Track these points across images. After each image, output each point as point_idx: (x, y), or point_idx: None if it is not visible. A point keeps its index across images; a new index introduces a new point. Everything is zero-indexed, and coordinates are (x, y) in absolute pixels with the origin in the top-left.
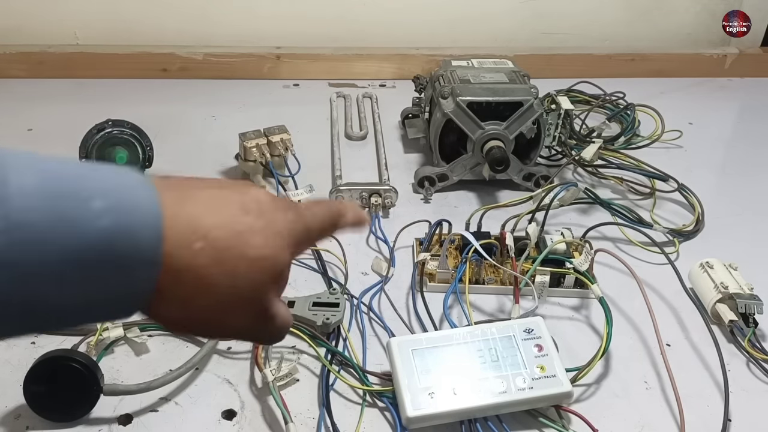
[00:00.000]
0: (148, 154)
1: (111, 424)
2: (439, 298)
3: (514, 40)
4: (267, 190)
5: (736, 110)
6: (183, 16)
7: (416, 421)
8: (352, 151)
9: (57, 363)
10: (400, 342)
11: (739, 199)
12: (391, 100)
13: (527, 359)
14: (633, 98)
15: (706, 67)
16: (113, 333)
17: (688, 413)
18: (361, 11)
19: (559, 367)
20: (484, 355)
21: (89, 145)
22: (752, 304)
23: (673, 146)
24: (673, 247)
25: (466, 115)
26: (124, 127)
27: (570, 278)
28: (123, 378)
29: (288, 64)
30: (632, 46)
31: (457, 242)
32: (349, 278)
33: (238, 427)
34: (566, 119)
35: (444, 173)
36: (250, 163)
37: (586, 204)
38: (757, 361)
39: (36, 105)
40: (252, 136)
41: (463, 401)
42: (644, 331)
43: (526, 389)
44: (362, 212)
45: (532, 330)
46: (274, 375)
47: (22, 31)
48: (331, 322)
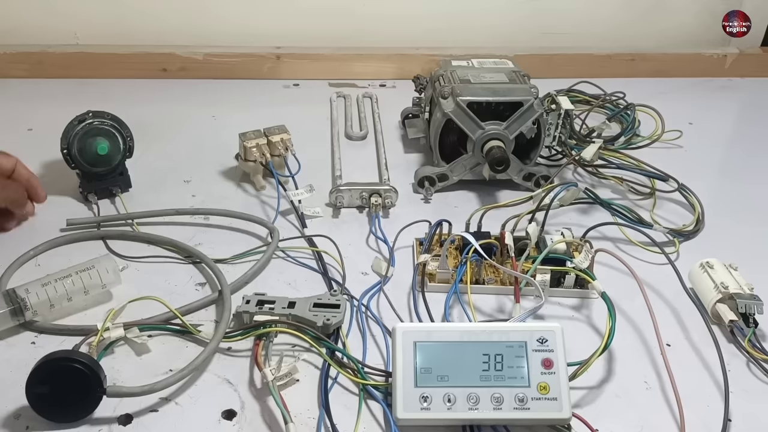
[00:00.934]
0: (129, 145)
1: (111, 424)
2: (439, 298)
3: (514, 40)
4: (265, 188)
5: (736, 110)
6: (183, 16)
7: (405, 422)
8: (352, 151)
9: (60, 364)
10: (406, 331)
11: (739, 199)
12: (391, 100)
13: (532, 375)
14: (633, 98)
15: (706, 67)
16: (114, 333)
17: (688, 413)
18: (361, 11)
19: (564, 388)
20: (488, 361)
21: (70, 136)
22: (752, 304)
23: (673, 146)
24: (673, 247)
25: (466, 115)
26: (105, 118)
27: (570, 278)
28: (123, 378)
29: (288, 64)
30: (632, 46)
31: (457, 242)
32: (350, 278)
33: (238, 427)
34: (566, 119)
35: (444, 173)
36: (251, 163)
37: (586, 204)
38: (757, 361)
39: (36, 105)
40: (252, 136)
41: (454, 413)
42: (644, 331)
43: (522, 409)
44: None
45: (546, 341)
46: (274, 375)
47: (22, 31)
48: (332, 323)
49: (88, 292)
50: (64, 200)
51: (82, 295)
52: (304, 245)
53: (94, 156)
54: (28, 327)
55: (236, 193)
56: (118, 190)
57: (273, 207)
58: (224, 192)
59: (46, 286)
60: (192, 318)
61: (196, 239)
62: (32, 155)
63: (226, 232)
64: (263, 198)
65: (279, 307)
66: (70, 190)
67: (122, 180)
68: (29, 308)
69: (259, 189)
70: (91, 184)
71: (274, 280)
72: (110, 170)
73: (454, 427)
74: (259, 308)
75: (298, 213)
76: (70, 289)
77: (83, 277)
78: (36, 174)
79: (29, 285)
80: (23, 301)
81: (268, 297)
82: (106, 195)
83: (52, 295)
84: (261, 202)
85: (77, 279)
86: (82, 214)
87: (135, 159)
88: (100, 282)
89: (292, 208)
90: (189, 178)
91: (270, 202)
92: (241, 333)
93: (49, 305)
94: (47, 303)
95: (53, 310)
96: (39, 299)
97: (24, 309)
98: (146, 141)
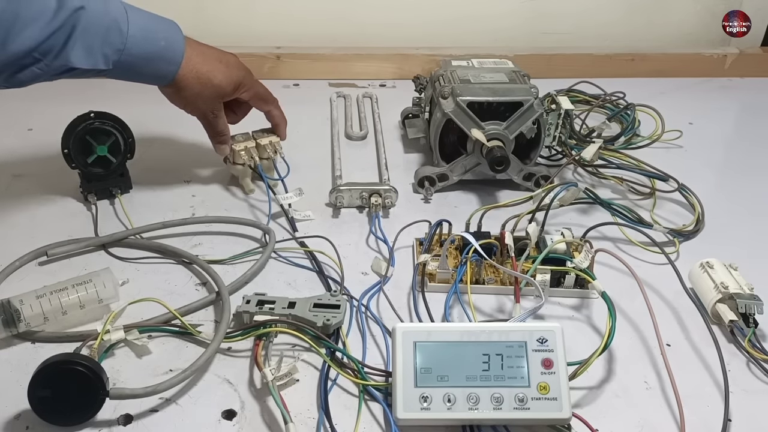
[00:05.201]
0: (130, 146)
1: (111, 424)
2: (439, 298)
3: (514, 40)
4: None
5: (736, 110)
6: (182, 16)
7: (405, 422)
8: (352, 151)
9: (62, 367)
10: (406, 331)
11: (739, 199)
12: (391, 100)
13: (532, 375)
14: (633, 98)
15: (706, 67)
16: (114, 336)
17: (688, 413)
18: (361, 11)
19: (564, 388)
20: (488, 361)
21: (71, 136)
22: (752, 304)
23: (673, 146)
24: (673, 247)
25: (466, 115)
26: (106, 118)
27: (570, 278)
28: (123, 379)
29: (288, 64)
30: (632, 46)
31: (457, 242)
32: (350, 278)
33: (238, 427)
34: (566, 119)
35: (444, 173)
36: (239, 167)
37: (586, 204)
38: (757, 361)
39: (36, 105)
40: (240, 139)
41: (454, 413)
42: (644, 331)
43: (522, 409)
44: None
45: (546, 340)
46: (274, 375)
47: None
48: (332, 323)
49: (84, 306)
50: (64, 200)
51: (78, 310)
52: (299, 247)
53: (94, 156)
54: (24, 337)
55: (236, 192)
56: (118, 191)
57: (263, 210)
58: (224, 192)
59: (41, 298)
60: (192, 318)
61: (194, 240)
62: (32, 155)
63: (225, 232)
64: (255, 201)
65: (279, 307)
66: (71, 190)
67: (123, 181)
68: (23, 320)
69: (248, 192)
70: (91, 184)
71: (274, 281)
72: (111, 171)
73: (454, 427)
74: (259, 308)
75: (288, 217)
76: (66, 303)
77: (79, 291)
78: (36, 174)
79: (24, 296)
80: (17, 313)
81: (269, 297)
82: (106, 195)
83: (46, 308)
84: (250, 206)
85: (73, 292)
86: (82, 215)
87: (135, 158)
88: (97, 297)
89: (282, 211)
90: (189, 178)
91: (262, 207)
92: (241, 333)
93: (43, 318)
94: (41, 316)
95: (47, 323)
96: (33, 312)
97: (17, 321)
98: (146, 141)
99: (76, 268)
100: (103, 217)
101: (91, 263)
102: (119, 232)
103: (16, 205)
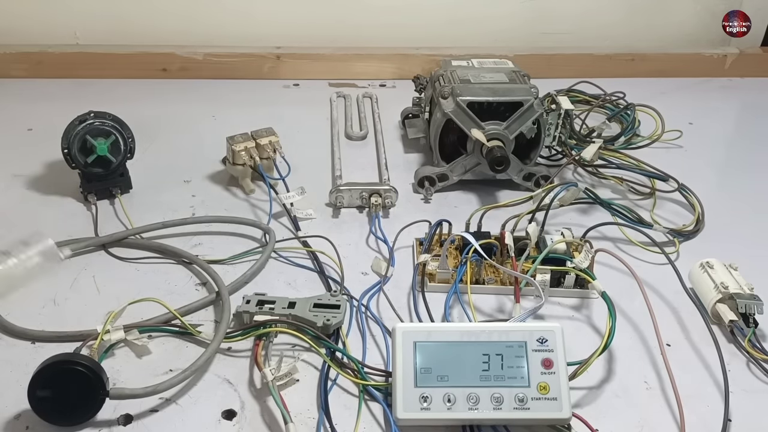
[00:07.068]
0: (130, 146)
1: (111, 424)
2: (439, 298)
3: (514, 40)
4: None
5: (737, 110)
6: (183, 16)
7: (405, 422)
8: (352, 151)
9: (62, 368)
10: (406, 331)
11: (739, 199)
12: (391, 100)
13: (532, 374)
14: (633, 98)
15: (706, 67)
16: (114, 336)
17: (688, 413)
18: (361, 11)
19: (564, 388)
20: (488, 361)
21: (71, 136)
22: (752, 304)
23: (673, 146)
24: (673, 247)
25: (466, 115)
26: (106, 118)
27: (570, 278)
28: (123, 379)
29: (288, 64)
30: (632, 46)
31: (457, 242)
32: (350, 278)
33: (238, 427)
34: (566, 119)
35: (444, 173)
36: (239, 167)
37: (586, 204)
38: (757, 361)
39: (36, 105)
40: (240, 140)
41: (454, 413)
42: (644, 331)
43: (522, 409)
44: None
45: (546, 340)
46: (274, 375)
47: (22, 31)
48: (332, 323)
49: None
50: (64, 200)
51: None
52: (300, 246)
53: (94, 156)
54: (26, 336)
55: (236, 192)
56: (118, 192)
57: (263, 210)
58: (224, 192)
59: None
60: (192, 318)
61: (194, 240)
62: (32, 155)
63: (225, 232)
64: (255, 201)
65: (279, 307)
66: (71, 190)
67: (123, 181)
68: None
69: (248, 192)
70: (91, 184)
71: (274, 280)
72: (111, 171)
73: (454, 427)
74: (259, 308)
75: (291, 216)
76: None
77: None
78: (36, 174)
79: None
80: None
81: (269, 297)
82: (106, 195)
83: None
84: (250, 206)
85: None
86: (82, 215)
87: (135, 158)
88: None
89: (284, 210)
90: (189, 178)
91: (262, 206)
92: (241, 333)
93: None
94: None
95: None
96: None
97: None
98: (146, 141)
99: (76, 268)
100: (103, 217)
101: (91, 263)
102: (119, 232)
103: (16, 205)
